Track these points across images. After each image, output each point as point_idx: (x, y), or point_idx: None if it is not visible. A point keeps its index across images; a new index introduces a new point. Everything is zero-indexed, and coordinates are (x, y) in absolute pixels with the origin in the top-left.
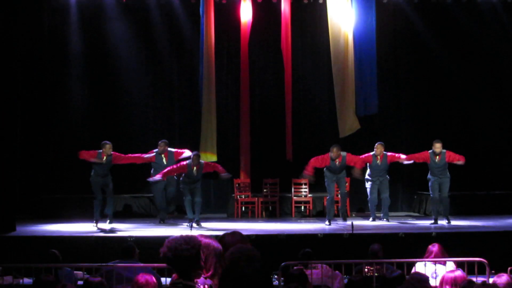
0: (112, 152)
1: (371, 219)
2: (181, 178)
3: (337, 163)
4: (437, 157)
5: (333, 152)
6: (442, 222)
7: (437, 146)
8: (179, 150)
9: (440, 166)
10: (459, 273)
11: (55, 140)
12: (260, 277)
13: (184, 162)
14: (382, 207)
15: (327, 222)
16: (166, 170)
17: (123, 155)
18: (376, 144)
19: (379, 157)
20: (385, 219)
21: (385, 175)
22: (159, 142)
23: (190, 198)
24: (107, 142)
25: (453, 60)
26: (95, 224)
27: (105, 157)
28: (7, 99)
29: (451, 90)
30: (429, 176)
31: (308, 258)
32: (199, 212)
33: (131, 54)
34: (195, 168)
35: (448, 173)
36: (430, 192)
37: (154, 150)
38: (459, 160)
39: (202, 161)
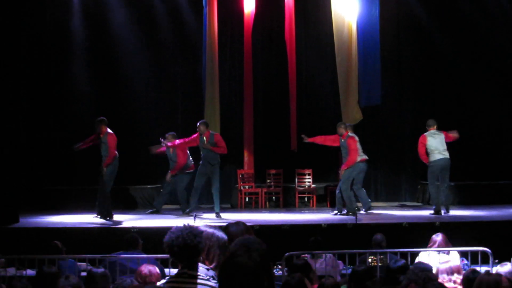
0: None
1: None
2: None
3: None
4: (435, 135)
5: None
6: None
7: (433, 127)
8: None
9: (441, 143)
10: (453, 262)
11: (58, 131)
12: (258, 269)
13: (195, 134)
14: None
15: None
16: (178, 141)
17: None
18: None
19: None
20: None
21: None
22: (166, 134)
23: (198, 184)
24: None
25: (457, 50)
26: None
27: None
28: (10, 91)
29: (455, 80)
30: (430, 159)
31: (318, 245)
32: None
33: (134, 45)
34: (204, 137)
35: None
36: (429, 180)
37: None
38: (453, 136)
39: (213, 132)
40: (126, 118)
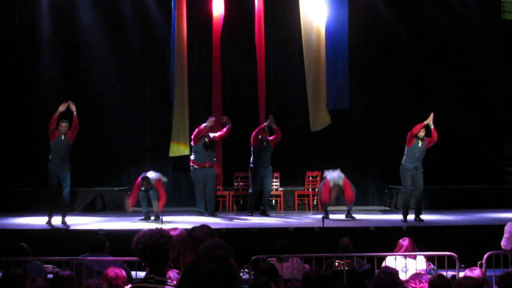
0: None
1: None
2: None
3: None
4: (420, 142)
5: None
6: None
7: (422, 130)
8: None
9: (420, 154)
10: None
11: (25, 132)
12: (220, 276)
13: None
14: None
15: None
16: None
17: None
18: None
19: None
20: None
21: None
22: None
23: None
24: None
25: (425, 54)
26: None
27: None
28: None
29: (422, 84)
30: (404, 163)
31: (285, 249)
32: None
33: (102, 45)
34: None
35: (422, 166)
36: (403, 185)
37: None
38: (433, 138)
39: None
40: (93, 118)
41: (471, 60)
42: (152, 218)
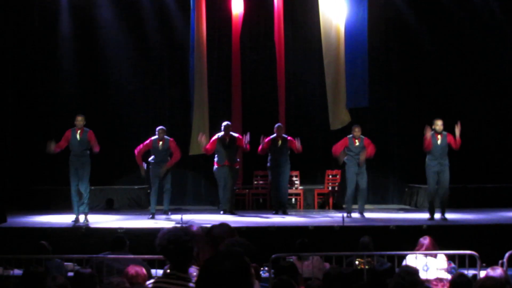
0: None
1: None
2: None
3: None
4: (439, 136)
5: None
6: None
7: (439, 124)
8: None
9: (441, 148)
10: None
11: (45, 130)
12: (234, 273)
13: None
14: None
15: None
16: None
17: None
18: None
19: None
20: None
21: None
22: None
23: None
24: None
25: (445, 52)
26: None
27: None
28: None
29: (443, 82)
30: (427, 161)
31: (305, 247)
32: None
33: (122, 45)
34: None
35: (448, 160)
36: (428, 183)
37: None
38: (455, 144)
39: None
40: (112, 117)
41: (491, 58)
42: (163, 216)
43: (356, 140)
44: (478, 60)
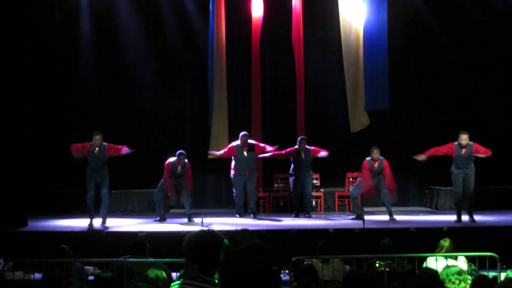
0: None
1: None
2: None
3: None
4: (463, 149)
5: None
6: (465, 218)
7: (463, 138)
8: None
9: (465, 159)
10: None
11: (65, 134)
12: (255, 274)
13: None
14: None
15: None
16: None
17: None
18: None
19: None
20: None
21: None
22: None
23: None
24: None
25: (466, 54)
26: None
27: None
28: (18, 95)
29: (463, 85)
30: (452, 169)
31: (326, 250)
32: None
33: (142, 47)
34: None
35: (473, 166)
36: (454, 187)
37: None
38: (484, 154)
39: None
40: (133, 121)
41: None
42: (186, 220)
43: (376, 163)
44: (499, 62)
